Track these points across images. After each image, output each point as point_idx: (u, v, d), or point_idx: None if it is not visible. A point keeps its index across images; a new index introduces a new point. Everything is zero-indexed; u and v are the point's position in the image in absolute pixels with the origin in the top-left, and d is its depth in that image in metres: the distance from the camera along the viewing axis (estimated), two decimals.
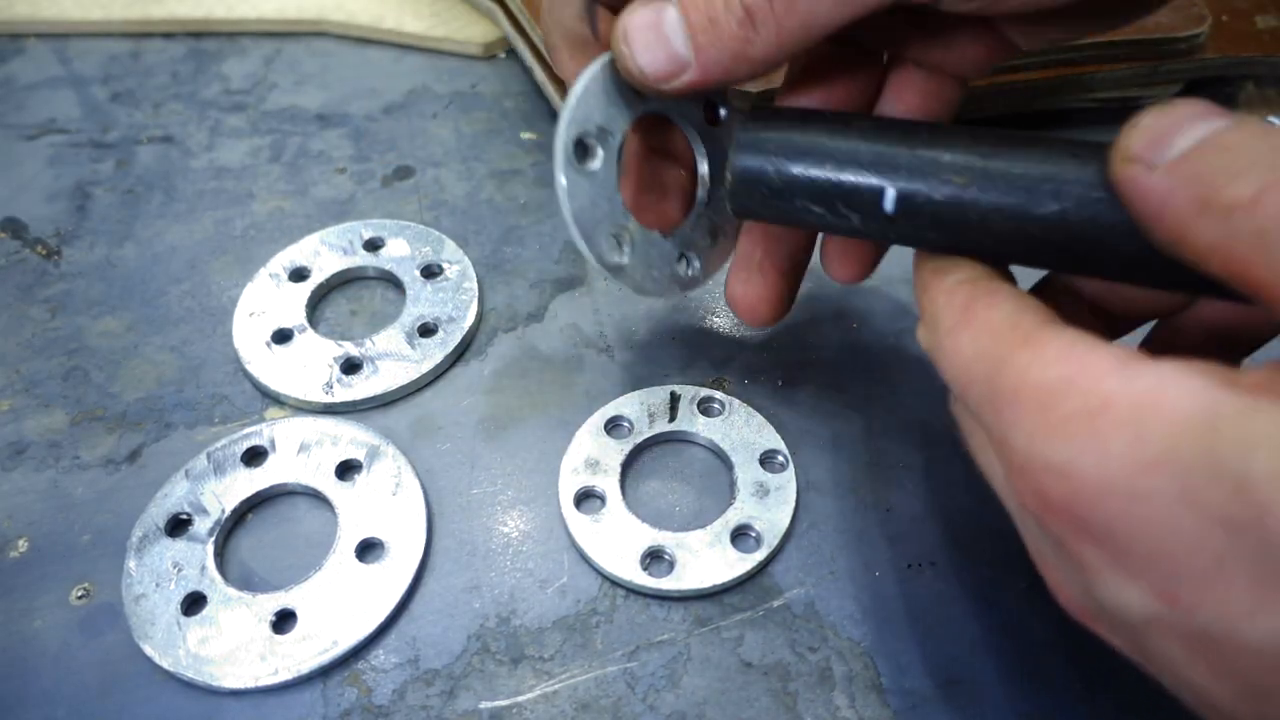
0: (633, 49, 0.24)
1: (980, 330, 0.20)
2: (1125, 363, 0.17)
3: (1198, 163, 0.17)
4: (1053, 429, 0.17)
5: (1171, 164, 0.17)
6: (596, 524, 0.30)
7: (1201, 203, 0.17)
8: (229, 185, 0.44)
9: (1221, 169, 0.17)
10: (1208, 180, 0.17)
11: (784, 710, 0.27)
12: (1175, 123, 0.18)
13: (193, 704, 0.27)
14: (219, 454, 0.32)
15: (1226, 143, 0.17)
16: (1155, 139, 0.18)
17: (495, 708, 0.27)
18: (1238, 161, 0.16)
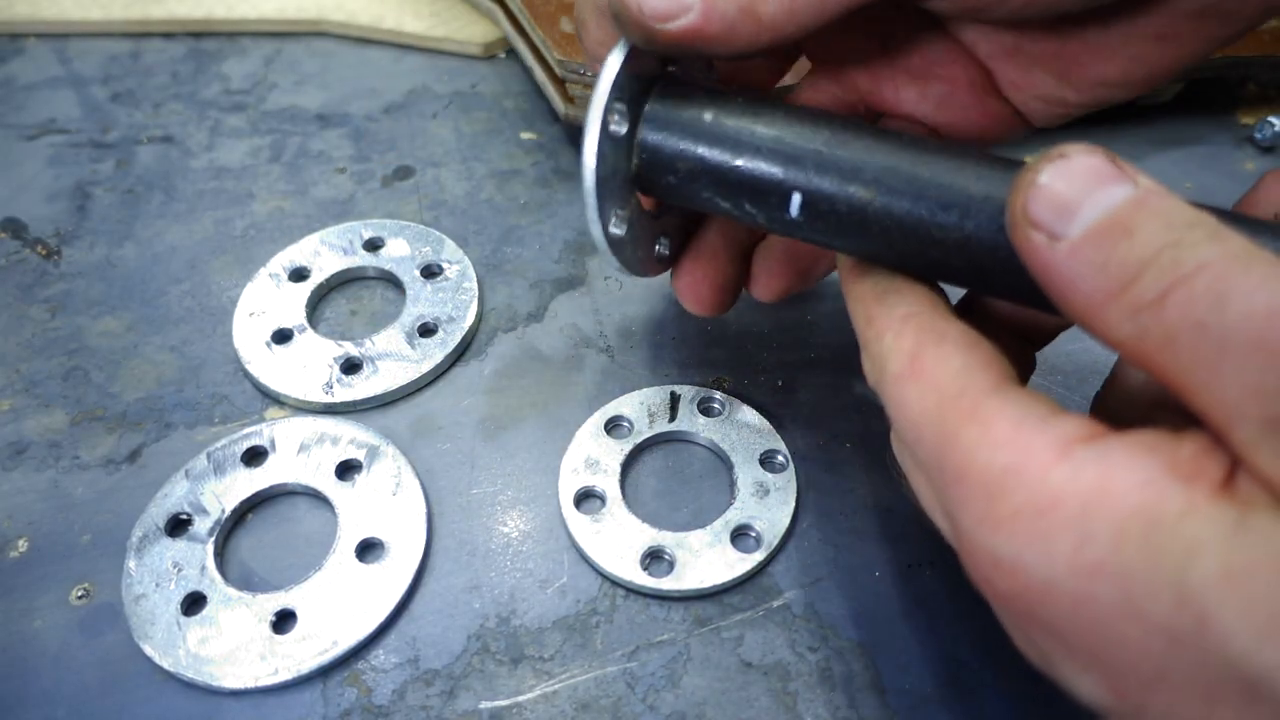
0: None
1: (927, 388, 0.20)
2: (1069, 450, 0.17)
3: (1103, 249, 0.17)
4: (999, 523, 0.17)
5: (1075, 245, 0.17)
6: (596, 524, 0.30)
7: (1109, 295, 0.17)
8: (229, 185, 0.44)
9: (1127, 260, 0.17)
10: (1114, 273, 0.17)
11: (784, 710, 0.27)
12: (1077, 189, 0.17)
13: (193, 704, 0.27)
14: (219, 454, 0.32)
15: (1130, 223, 0.17)
16: (1058, 208, 0.18)
17: (495, 708, 0.27)
18: (1143, 249, 0.16)
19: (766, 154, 0.23)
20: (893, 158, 0.22)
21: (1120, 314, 0.17)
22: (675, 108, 0.25)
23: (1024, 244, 0.18)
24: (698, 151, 0.24)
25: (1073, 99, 0.27)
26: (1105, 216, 0.17)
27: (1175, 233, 0.16)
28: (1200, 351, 0.16)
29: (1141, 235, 0.17)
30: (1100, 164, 0.18)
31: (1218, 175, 0.43)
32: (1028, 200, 0.18)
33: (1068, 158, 0.18)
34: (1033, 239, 0.18)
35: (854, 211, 0.22)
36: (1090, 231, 0.17)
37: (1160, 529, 0.15)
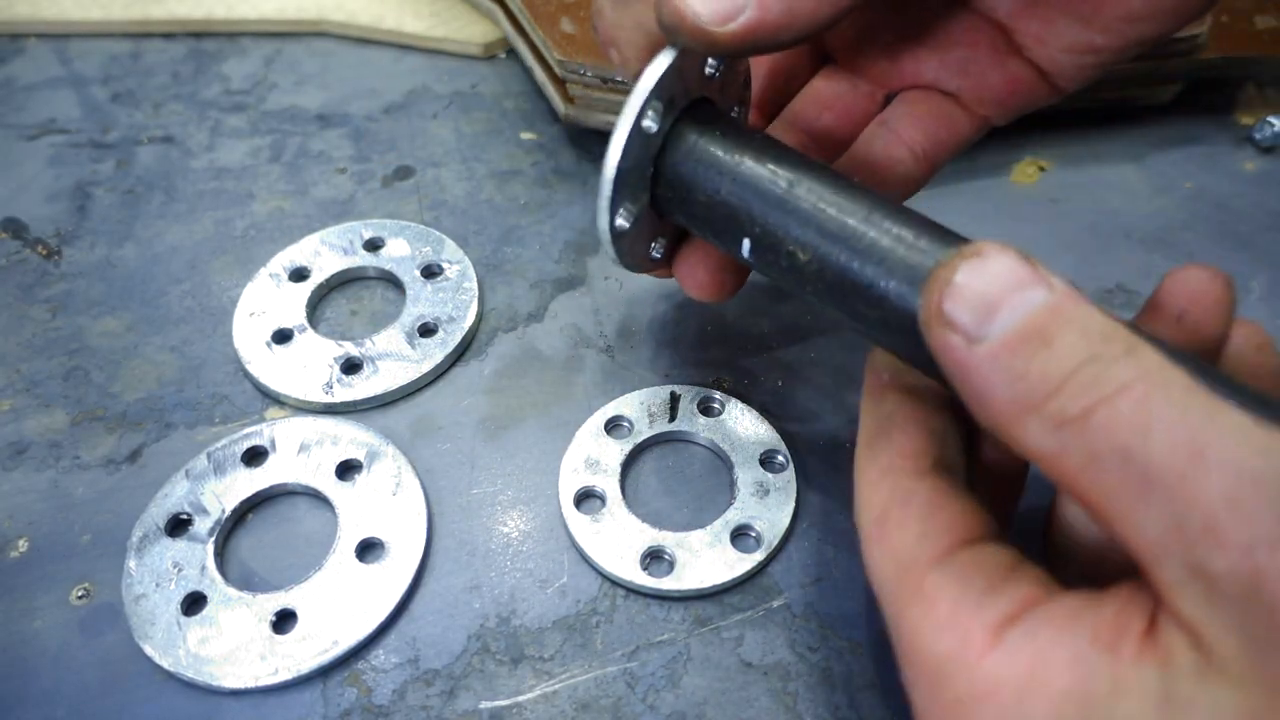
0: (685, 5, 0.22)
1: (887, 555, 0.20)
2: (1002, 633, 0.17)
3: (1021, 357, 0.17)
4: (945, 710, 0.18)
5: (993, 351, 0.17)
6: (596, 524, 0.30)
7: (1029, 406, 0.17)
8: (229, 185, 0.44)
9: (1047, 372, 0.16)
10: (1034, 384, 0.16)
11: (784, 710, 0.27)
12: (994, 291, 0.17)
13: (193, 704, 0.27)
14: (219, 454, 0.32)
15: (1048, 332, 0.17)
16: (974, 309, 0.17)
17: (495, 708, 0.27)
18: (1062, 362, 0.16)
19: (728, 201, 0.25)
20: (835, 219, 0.23)
21: (1041, 427, 0.17)
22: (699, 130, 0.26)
23: (939, 343, 0.18)
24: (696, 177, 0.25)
25: (1101, 43, 0.25)
26: (1022, 323, 0.17)
27: (1094, 345, 0.16)
28: (1124, 480, 0.16)
29: (1060, 346, 0.16)
30: (1016, 265, 0.17)
31: (1217, 176, 0.43)
32: (943, 299, 0.18)
33: (983, 257, 0.18)
34: (949, 339, 0.18)
35: (790, 269, 0.24)
36: (1008, 338, 0.17)
37: (1093, 711, 0.16)
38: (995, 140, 0.45)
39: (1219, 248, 0.40)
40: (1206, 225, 0.41)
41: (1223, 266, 0.40)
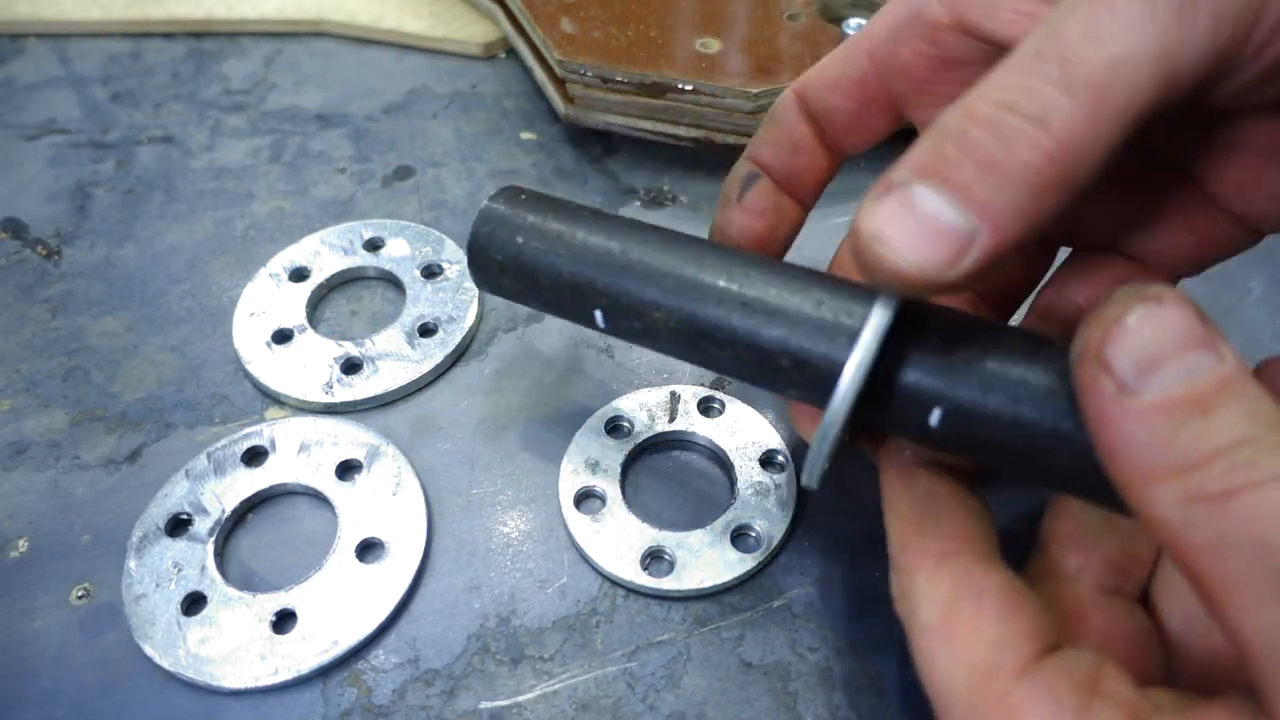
0: (893, 247, 0.18)
1: (958, 658, 0.18)
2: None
3: (1174, 423, 0.15)
4: None
5: (1145, 410, 0.16)
6: (596, 524, 0.30)
7: (1165, 473, 0.15)
8: (229, 185, 0.44)
9: (1197, 444, 0.15)
10: (1178, 453, 0.15)
11: (784, 710, 0.27)
12: (1165, 345, 0.16)
13: (193, 704, 0.27)
14: (219, 454, 0.32)
15: (1209, 403, 0.15)
16: (1139, 360, 0.16)
17: (495, 708, 0.27)
18: (1217, 438, 0.15)
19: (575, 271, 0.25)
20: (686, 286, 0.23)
21: (1173, 496, 0.15)
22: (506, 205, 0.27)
23: (1088, 384, 0.17)
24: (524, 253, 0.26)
25: None
26: (1186, 387, 0.16)
27: (1254, 428, 0.15)
28: (1253, 572, 0.14)
29: (1219, 420, 0.15)
30: (1193, 321, 0.16)
31: None
32: (1107, 340, 0.16)
33: (1162, 304, 0.16)
34: (1100, 383, 0.16)
35: (647, 330, 0.24)
36: (1166, 400, 0.16)
37: None
38: None
39: None
40: None
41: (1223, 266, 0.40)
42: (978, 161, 0.17)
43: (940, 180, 0.17)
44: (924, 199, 0.18)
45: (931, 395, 0.20)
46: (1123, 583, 0.23)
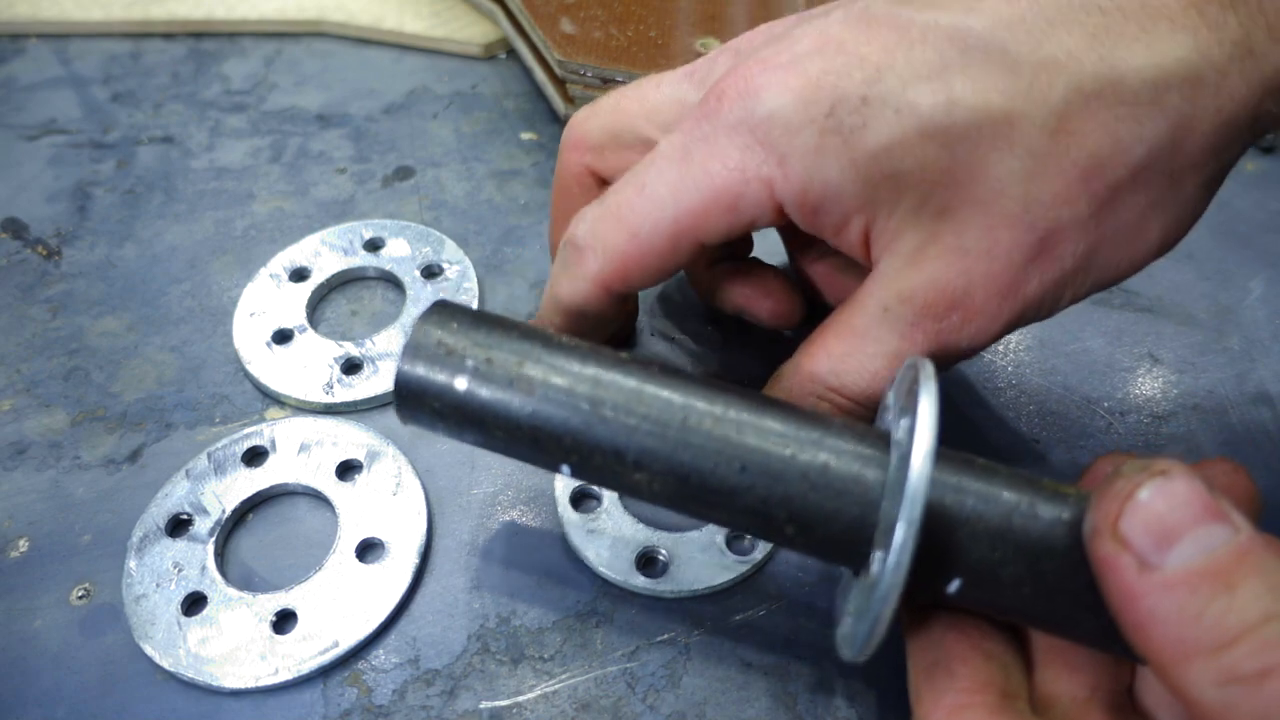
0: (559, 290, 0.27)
1: None
2: None
3: (1200, 598, 0.16)
4: None
5: (1169, 583, 0.16)
6: (593, 523, 0.30)
7: (1199, 650, 0.16)
8: (229, 185, 0.44)
9: (1226, 620, 0.15)
10: (1209, 628, 0.15)
11: (784, 710, 0.27)
12: (1178, 518, 0.16)
13: (193, 704, 0.27)
14: (219, 454, 0.32)
15: (1231, 577, 0.16)
16: (1155, 533, 0.16)
17: (495, 708, 0.27)
18: (1244, 613, 0.15)
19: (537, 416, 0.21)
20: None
21: (1208, 676, 0.15)
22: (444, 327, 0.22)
23: (1107, 561, 0.17)
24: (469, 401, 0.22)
25: None
26: (1206, 561, 0.16)
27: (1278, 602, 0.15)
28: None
29: (1244, 594, 0.15)
30: (1204, 494, 0.17)
31: None
32: (1122, 515, 0.17)
33: (1171, 477, 0.17)
34: (1119, 559, 0.17)
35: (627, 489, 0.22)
36: (1188, 574, 0.16)
37: None
38: None
39: (1219, 248, 0.40)
40: (1206, 225, 0.41)
41: (1222, 266, 0.40)
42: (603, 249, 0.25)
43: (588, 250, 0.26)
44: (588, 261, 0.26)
45: (950, 563, 0.20)
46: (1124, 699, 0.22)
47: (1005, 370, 0.36)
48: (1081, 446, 0.33)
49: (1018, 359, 0.36)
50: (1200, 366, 0.36)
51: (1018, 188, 0.22)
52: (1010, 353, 0.36)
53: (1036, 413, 0.34)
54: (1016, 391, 0.35)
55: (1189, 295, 0.38)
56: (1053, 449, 0.33)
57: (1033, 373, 0.36)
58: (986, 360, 0.36)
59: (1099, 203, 0.22)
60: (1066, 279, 0.23)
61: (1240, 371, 0.36)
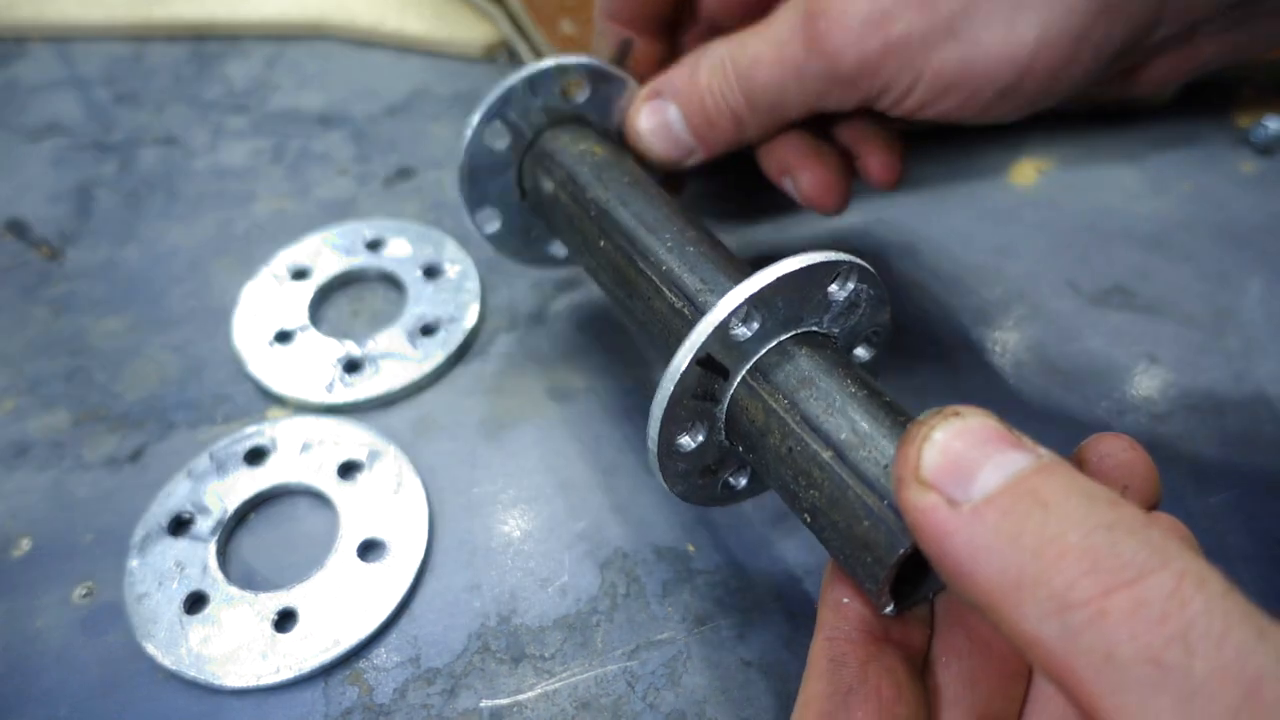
0: (650, 145, 0.30)
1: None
2: None
3: (1014, 518, 0.15)
4: None
5: (979, 510, 0.15)
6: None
7: (1025, 578, 0.14)
8: (231, 186, 0.44)
9: (1045, 534, 0.14)
10: (1031, 550, 0.14)
11: (784, 709, 0.27)
12: (977, 450, 0.16)
13: (195, 703, 0.27)
14: (221, 453, 0.33)
15: (1042, 494, 0.15)
16: (955, 466, 0.16)
17: (496, 706, 0.27)
18: (1066, 524, 0.14)
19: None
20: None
21: (1040, 605, 0.14)
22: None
23: (914, 505, 0.16)
24: None
25: None
26: (1012, 480, 0.15)
27: (1101, 512, 0.14)
28: (1154, 703, 0.13)
29: (1060, 507, 0.14)
30: (998, 427, 0.16)
31: (1215, 177, 0.43)
32: (921, 456, 0.16)
33: (963, 416, 0.16)
34: (926, 500, 0.16)
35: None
36: (997, 494, 0.15)
37: None
38: (994, 141, 0.45)
39: (1217, 248, 0.40)
40: (1204, 226, 0.41)
41: (1220, 267, 0.40)
42: (705, 108, 0.29)
43: (684, 108, 0.30)
44: (673, 117, 0.30)
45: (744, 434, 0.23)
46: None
47: (1005, 370, 0.36)
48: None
49: (1017, 359, 0.36)
50: (1199, 366, 0.36)
51: None
52: (1010, 353, 0.37)
53: (1036, 412, 0.34)
54: (1016, 391, 0.35)
55: (1187, 295, 0.38)
56: (1051, 449, 0.33)
57: (1032, 373, 0.36)
58: (986, 360, 0.36)
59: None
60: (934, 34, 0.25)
61: (1238, 371, 0.36)
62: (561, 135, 0.31)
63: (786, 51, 0.27)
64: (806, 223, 0.41)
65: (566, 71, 0.30)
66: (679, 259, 0.26)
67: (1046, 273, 0.39)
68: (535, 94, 0.30)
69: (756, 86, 0.28)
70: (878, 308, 0.24)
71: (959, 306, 0.38)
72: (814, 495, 0.21)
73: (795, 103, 0.28)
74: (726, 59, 0.28)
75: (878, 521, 0.19)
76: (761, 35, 0.28)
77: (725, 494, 0.26)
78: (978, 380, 0.36)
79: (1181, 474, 0.33)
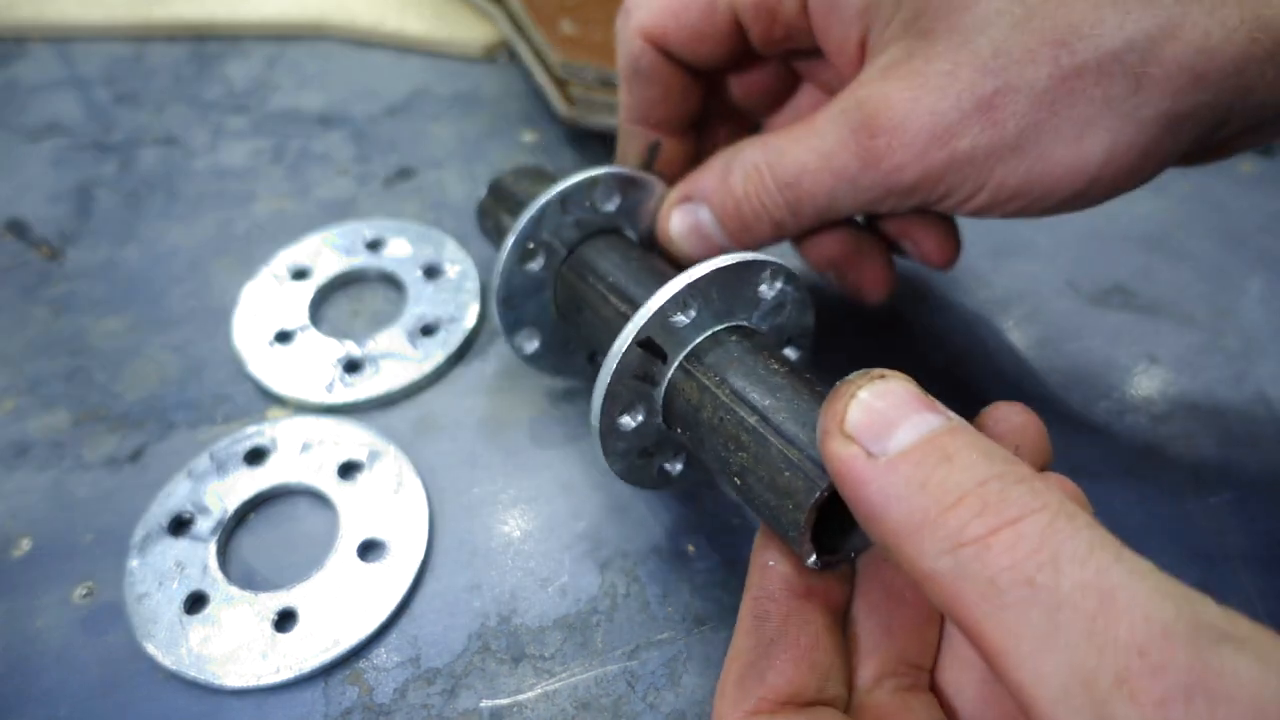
0: (682, 247, 0.30)
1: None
2: None
3: (923, 469, 0.17)
4: None
5: (893, 461, 0.17)
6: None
7: (925, 518, 0.16)
8: (231, 186, 0.44)
9: (947, 483, 0.16)
10: (933, 493, 0.16)
11: None
12: (896, 409, 0.18)
13: (195, 703, 0.27)
14: (221, 453, 0.33)
15: (948, 449, 0.17)
16: (877, 424, 0.18)
17: (496, 706, 0.27)
18: (963, 475, 0.16)
19: None
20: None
21: (937, 544, 0.16)
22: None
23: (837, 455, 0.18)
24: None
25: None
26: (924, 438, 0.17)
27: (995, 466, 0.16)
28: (1027, 617, 0.15)
29: (961, 462, 0.16)
30: (916, 391, 0.18)
31: (1215, 177, 0.43)
32: (846, 411, 0.18)
33: (886, 379, 0.18)
34: (848, 450, 0.18)
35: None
36: (910, 449, 0.17)
37: None
38: None
39: (1216, 248, 0.40)
40: (1204, 226, 0.41)
41: (1220, 267, 0.40)
42: (741, 213, 0.28)
43: (717, 211, 0.29)
44: (705, 220, 0.29)
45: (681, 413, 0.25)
46: (918, 678, 0.23)
47: (1005, 370, 0.36)
48: (1081, 446, 0.33)
49: (1017, 359, 0.36)
50: (1198, 366, 0.36)
51: (998, 31, 0.23)
52: (1010, 353, 0.37)
53: (1036, 412, 0.34)
54: (1016, 391, 0.35)
55: (1187, 296, 0.38)
56: (1051, 449, 0.33)
57: (1032, 373, 0.36)
58: (986, 360, 0.36)
59: (1059, 76, 0.23)
60: (1000, 149, 0.24)
61: (1238, 371, 0.36)
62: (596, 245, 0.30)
63: (836, 162, 0.26)
64: None
65: (596, 184, 0.29)
66: (629, 277, 0.28)
67: (1046, 273, 0.39)
68: (567, 211, 0.29)
69: (803, 194, 0.27)
70: (802, 310, 0.27)
71: (959, 306, 0.38)
72: (742, 457, 0.23)
73: (845, 208, 0.27)
74: (762, 164, 0.27)
75: (797, 471, 0.21)
76: (804, 143, 0.26)
77: (661, 478, 0.28)
78: (978, 380, 0.36)
79: (1181, 474, 0.33)
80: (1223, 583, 0.29)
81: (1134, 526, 0.31)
